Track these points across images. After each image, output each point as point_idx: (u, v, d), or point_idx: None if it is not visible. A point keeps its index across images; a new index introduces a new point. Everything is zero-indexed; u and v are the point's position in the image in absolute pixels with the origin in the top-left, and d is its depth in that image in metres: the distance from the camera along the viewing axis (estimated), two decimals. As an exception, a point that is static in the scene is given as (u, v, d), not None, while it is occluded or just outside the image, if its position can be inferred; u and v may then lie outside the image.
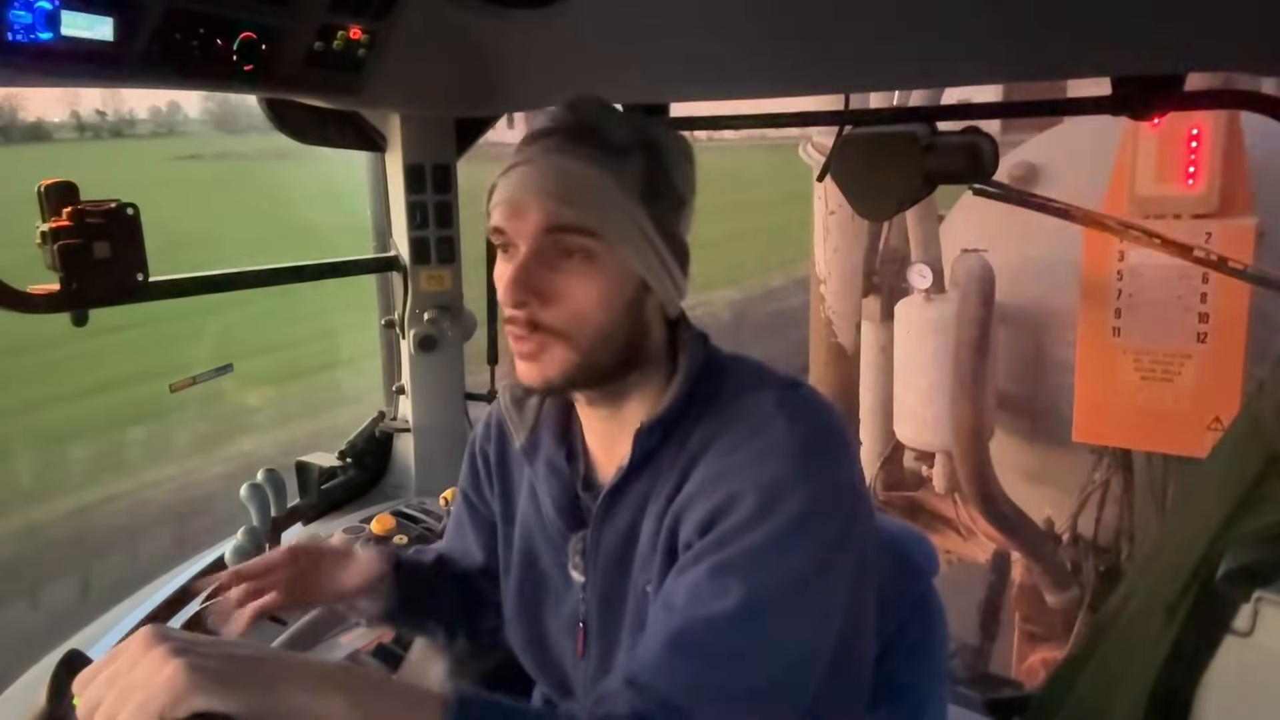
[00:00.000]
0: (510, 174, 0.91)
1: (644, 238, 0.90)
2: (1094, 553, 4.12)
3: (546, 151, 0.89)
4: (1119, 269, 3.56)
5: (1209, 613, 1.34)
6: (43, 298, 1.42)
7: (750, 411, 0.90)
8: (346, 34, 1.59)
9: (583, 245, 0.88)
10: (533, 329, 0.89)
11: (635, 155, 0.90)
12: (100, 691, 0.68)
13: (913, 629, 1.22)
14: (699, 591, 0.84)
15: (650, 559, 0.94)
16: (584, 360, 0.91)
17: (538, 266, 0.88)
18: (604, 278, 0.89)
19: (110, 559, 6.20)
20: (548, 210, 0.87)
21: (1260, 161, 3.43)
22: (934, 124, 1.63)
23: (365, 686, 0.73)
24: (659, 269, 0.92)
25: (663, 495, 0.93)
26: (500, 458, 1.15)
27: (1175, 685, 1.37)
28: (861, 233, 5.45)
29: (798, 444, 0.86)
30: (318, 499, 2.03)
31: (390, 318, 2.16)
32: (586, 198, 0.87)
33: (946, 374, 3.86)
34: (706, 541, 0.86)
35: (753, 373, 0.97)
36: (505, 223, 0.90)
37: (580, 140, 0.89)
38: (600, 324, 0.90)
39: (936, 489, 4.56)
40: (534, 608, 1.09)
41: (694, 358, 0.96)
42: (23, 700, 1.32)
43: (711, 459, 0.90)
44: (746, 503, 0.84)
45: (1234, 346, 3.38)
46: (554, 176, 0.88)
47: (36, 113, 48.34)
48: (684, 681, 0.80)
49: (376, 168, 2.15)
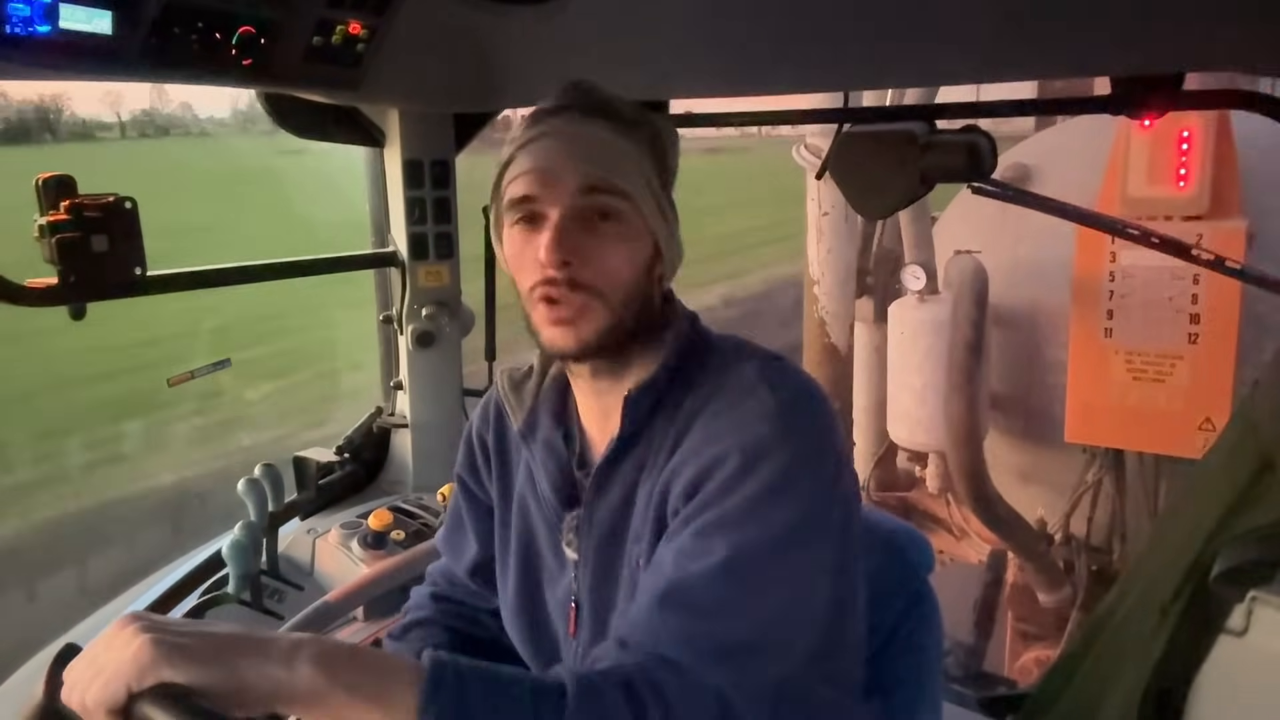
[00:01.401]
0: (534, 145, 0.94)
1: (657, 201, 0.95)
2: (1086, 552, 4.13)
3: (570, 122, 0.94)
4: (1111, 270, 3.57)
5: (1203, 612, 1.35)
6: (40, 291, 1.42)
7: (734, 381, 0.93)
8: (345, 29, 1.58)
9: (615, 206, 0.92)
10: (573, 288, 0.91)
11: (644, 127, 0.96)
12: (78, 672, 0.71)
13: (908, 625, 1.22)
14: (685, 551, 0.85)
15: (642, 533, 0.95)
16: (615, 321, 0.94)
17: (575, 227, 0.91)
18: (633, 238, 0.94)
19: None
20: (583, 172, 0.91)
21: (1251, 164, 3.45)
22: (932, 122, 1.63)
23: (337, 656, 0.73)
24: (669, 233, 0.97)
25: (655, 467, 0.95)
26: (498, 443, 1.16)
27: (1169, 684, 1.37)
28: (855, 234, 5.47)
29: (777, 409, 0.88)
30: (315, 494, 2.03)
31: (388, 313, 2.15)
32: (616, 160, 0.92)
33: (940, 375, 3.87)
34: (692, 506, 0.87)
35: (736, 347, 1.00)
36: (536, 190, 0.92)
37: (599, 113, 0.94)
38: (628, 283, 0.94)
39: (930, 489, 4.58)
40: (531, 590, 1.09)
41: (682, 330, 1.00)
42: (20, 693, 1.32)
43: (698, 428, 0.92)
44: (730, 464, 0.86)
45: (1225, 347, 3.40)
46: (584, 142, 0.92)
47: (83, 111, 47.94)
48: (674, 635, 0.81)
49: (375, 163, 2.15)
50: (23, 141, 23.39)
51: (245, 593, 1.61)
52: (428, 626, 1.21)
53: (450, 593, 1.25)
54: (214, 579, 1.69)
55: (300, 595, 1.72)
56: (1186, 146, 3.39)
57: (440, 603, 1.25)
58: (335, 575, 1.77)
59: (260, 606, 1.64)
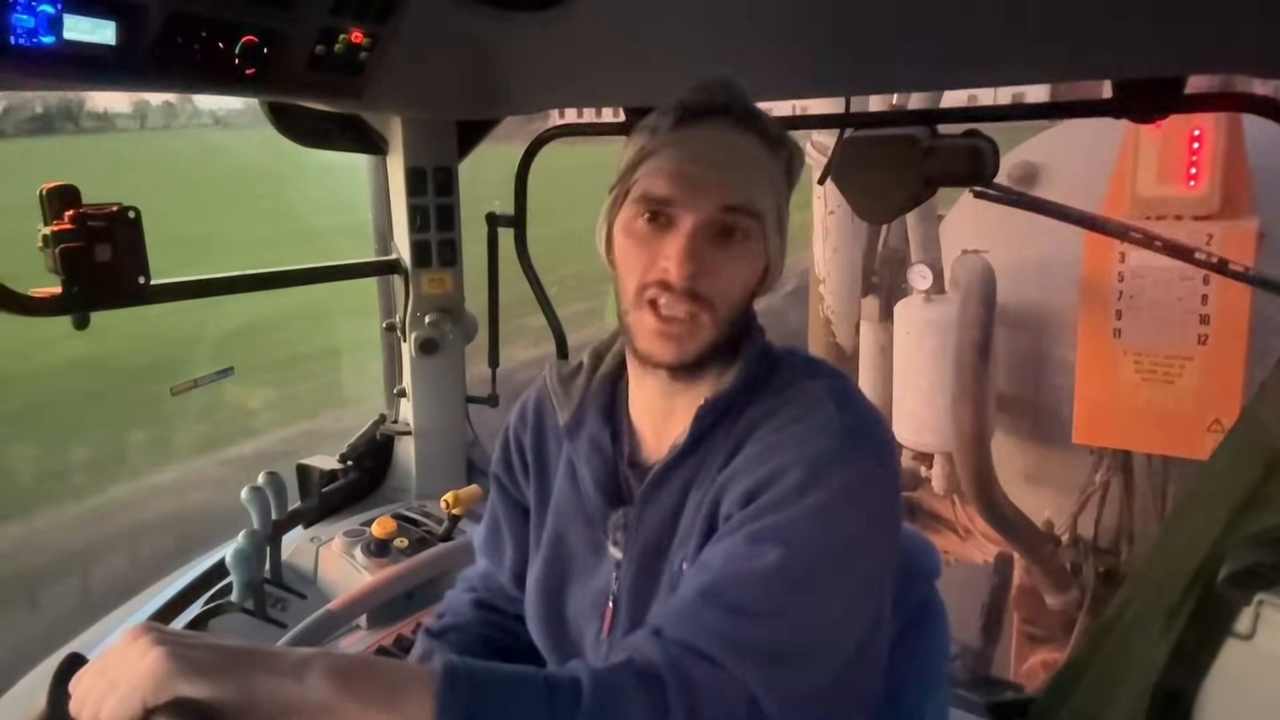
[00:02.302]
0: (678, 145, 0.92)
1: (780, 225, 0.96)
2: (1094, 554, 4.12)
3: (723, 130, 0.92)
4: (1120, 270, 3.56)
5: (1210, 615, 1.34)
6: (44, 300, 1.42)
7: (802, 396, 0.93)
8: (348, 37, 1.59)
9: (748, 227, 0.92)
10: (691, 298, 0.91)
11: (784, 148, 0.95)
12: (89, 685, 0.70)
13: (914, 632, 1.21)
14: (735, 552, 0.85)
15: (689, 537, 0.95)
16: (719, 336, 0.94)
17: (706, 241, 0.91)
18: (754, 257, 0.95)
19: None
20: (727, 186, 0.90)
21: (1261, 163, 3.43)
22: (935, 126, 1.63)
23: (350, 667, 0.73)
24: (780, 254, 0.98)
25: (708, 476, 0.95)
26: (536, 442, 1.16)
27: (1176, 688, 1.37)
28: (861, 233, 5.46)
29: (845, 427, 0.89)
30: (318, 502, 2.03)
31: (391, 321, 2.15)
32: (759, 180, 0.92)
33: (946, 375, 3.86)
34: (748, 511, 0.87)
35: (805, 362, 1.01)
36: (674, 192, 0.91)
37: (749, 125, 0.93)
38: (738, 302, 0.95)
39: (935, 490, 4.56)
40: (558, 586, 1.09)
41: (756, 344, 1.00)
42: (23, 704, 1.32)
43: (759, 438, 0.92)
44: (791, 477, 0.86)
45: (1235, 348, 3.38)
46: (731, 154, 0.91)
47: (103, 103, 48.02)
48: (713, 630, 0.81)
49: (378, 170, 2.15)
50: (46, 133, 23.51)
51: (249, 601, 1.61)
52: (465, 632, 1.21)
53: (491, 599, 1.24)
54: (217, 587, 1.69)
55: (303, 603, 1.72)
56: (1198, 146, 3.37)
57: (480, 610, 1.24)
58: (338, 583, 1.77)
59: (263, 615, 1.64)
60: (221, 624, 1.58)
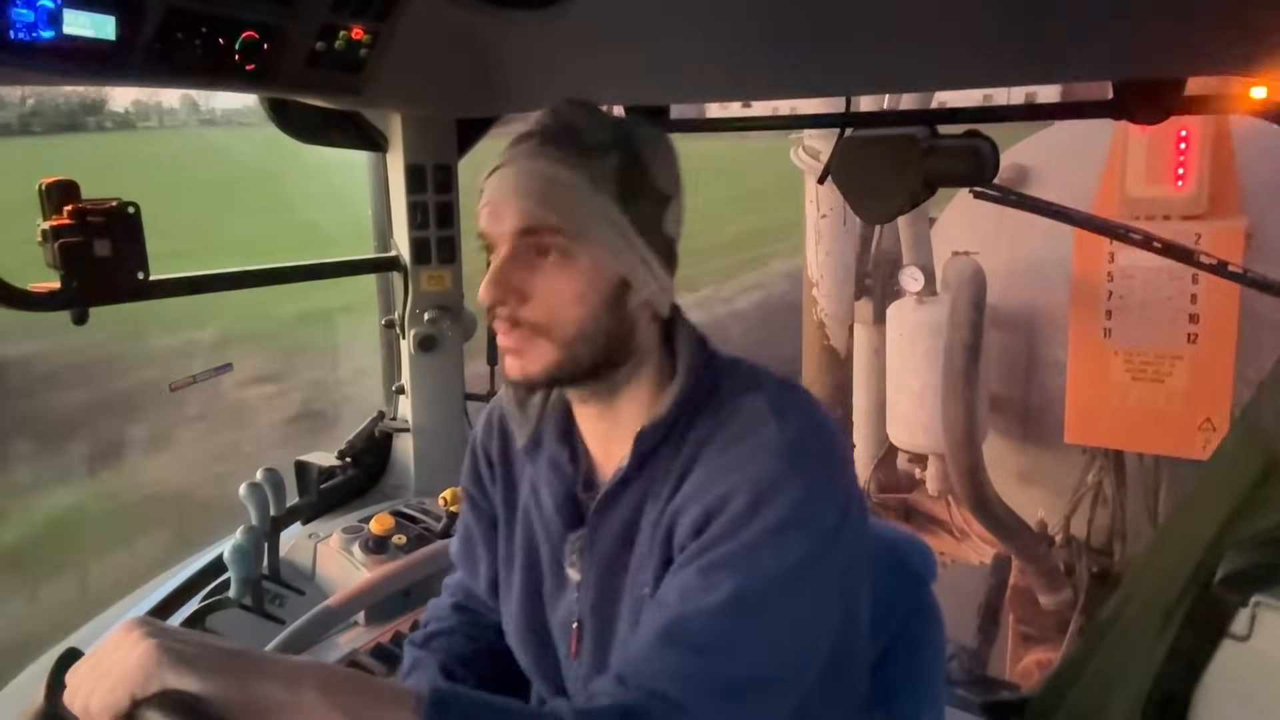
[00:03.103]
0: (492, 178, 0.93)
1: (620, 235, 0.91)
2: (1087, 554, 4.14)
3: (524, 155, 0.91)
4: (1109, 270, 3.58)
5: (1206, 616, 1.35)
6: (43, 295, 1.42)
7: (743, 413, 0.92)
8: (348, 34, 1.58)
9: (556, 244, 0.90)
10: (513, 325, 0.91)
11: (611, 154, 0.91)
12: (82, 676, 0.71)
13: (910, 634, 1.22)
14: (689, 587, 0.85)
15: (647, 561, 0.94)
16: (564, 356, 0.92)
17: (514, 266, 0.90)
18: (579, 275, 0.91)
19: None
20: (521, 211, 0.89)
21: (1249, 164, 3.46)
22: (934, 127, 1.63)
23: (341, 682, 0.74)
24: (638, 266, 0.93)
25: (660, 496, 0.94)
26: (503, 454, 1.15)
27: (1172, 688, 1.38)
28: (853, 236, 5.48)
29: (787, 443, 0.87)
30: (317, 498, 2.02)
31: (390, 318, 2.15)
32: (558, 197, 0.89)
33: (939, 376, 3.87)
34: (699, 542, 0.87)
35: (747, 375, 0.98)
36: (487, 226, 0.93)
37: (556, 142, 0.91)
38: (578, 320, 0.91)
39: (930, 491, 4.58)
40: (535, 604, 1.08)
41: (692, 360, 0.98)
42: (20, 698, 1.31)
43: (705, 461, 0.91)
44: (737, 502, 0.85)
45: (1225, 347, 3.40)
46: (527, 178, 0.90)
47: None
48: (674, 672, 0.81)
49: (377, 168, 2.15)
50: (70, 131, 23.44)
51: (246, 597, 1.61)
52: (450, 637, 1.20)
53: (470, 604, 1.24)
54: (215, 583, 1.69)
55: (302, 600, 1.72)
56: (1185, 146, 3.40)
57: (461, 613, 1.24)
58: (337, 580, 1.76)
59: (261, 611, 1.64)
60: (219, 620, 1.57)
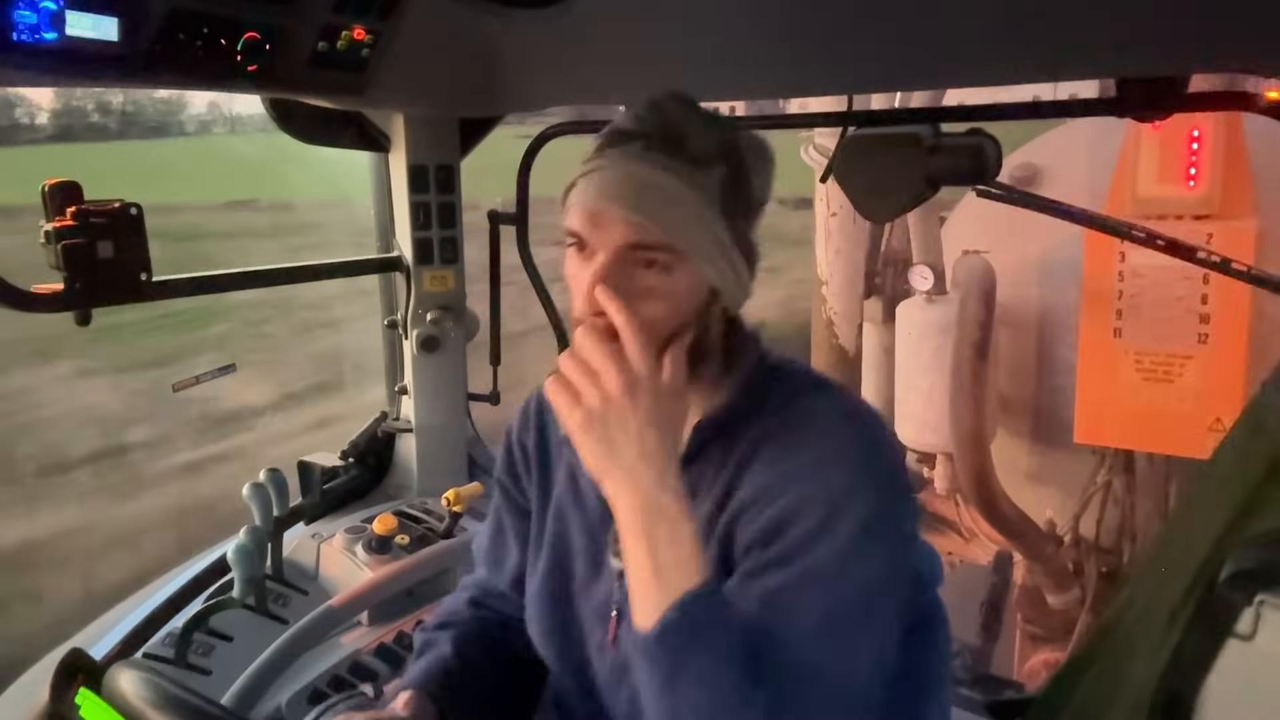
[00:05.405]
0: (590, 178, 0.90)
1: (720, 248, 0.91)
2: (1096, 554, 4.12)
3: (627, 159, 0.89)
4: (1120, 270, 3.56)
5: (1211, 616, 1.33)
6: (46, 297, 1.42)
7: (807, 416, 0.92)
8: (350, 34, 1.58)
9: (661, 259, 0.89)
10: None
11: (717, 165, 0.90)
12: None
13: (916, 639, 1.21)
14: (776, 605, 0.85)
15: None
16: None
17: (618, 275, 0.89)
18: (680, 287, 0.91)
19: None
20: (632, 224, 0.88)
21: (1261, 163, 3.43)
22: (938, 125, 1.63)
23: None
24: (730, 276, 0.93)
25: (711, 493, 0.95)
26: (539, 446, 1.15)
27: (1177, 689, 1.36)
28: (863, 235, 5.46)
29: (860, 452, 0.88)
30: (320, 498, 2.03)
31: (393, 318, 2.15)
32: (667, 213, 0.87)
33: (948, 375, 3.86)
34: (773, 552, 0.86)
35: (803, 375, 1.00)
36: (586, 229, 0.91)
37: (663, 148, 0.89)
38: (671, 329, 0.92)
39: (938, 490, 4.55)
40: (562, 593, 1.08)
41: (750, 357, 0.99)
42: (24, 699, 1.32)
43: (768, 462, 0.91)
44: (813, 512, 0.85)
45: (1235, 347, 3.38)
46: (636, 190, 0.87)
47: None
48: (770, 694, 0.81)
49: (379, 168, 2.15)
50: (158, 136, 23.81)
51: (250, 597, 1.61)
52: (464, 626, 1.20)
53: (486, 601, 1.24)
54: (219, 583, 1.69)
55: (305, 600, 1.72)
56: (1197, 146, 3.38)
57: (476, 608, 1.24)
58: (340, 580, 1.77)
59: (265, 611, 1.65)
60: (223, 620, 1.58)
